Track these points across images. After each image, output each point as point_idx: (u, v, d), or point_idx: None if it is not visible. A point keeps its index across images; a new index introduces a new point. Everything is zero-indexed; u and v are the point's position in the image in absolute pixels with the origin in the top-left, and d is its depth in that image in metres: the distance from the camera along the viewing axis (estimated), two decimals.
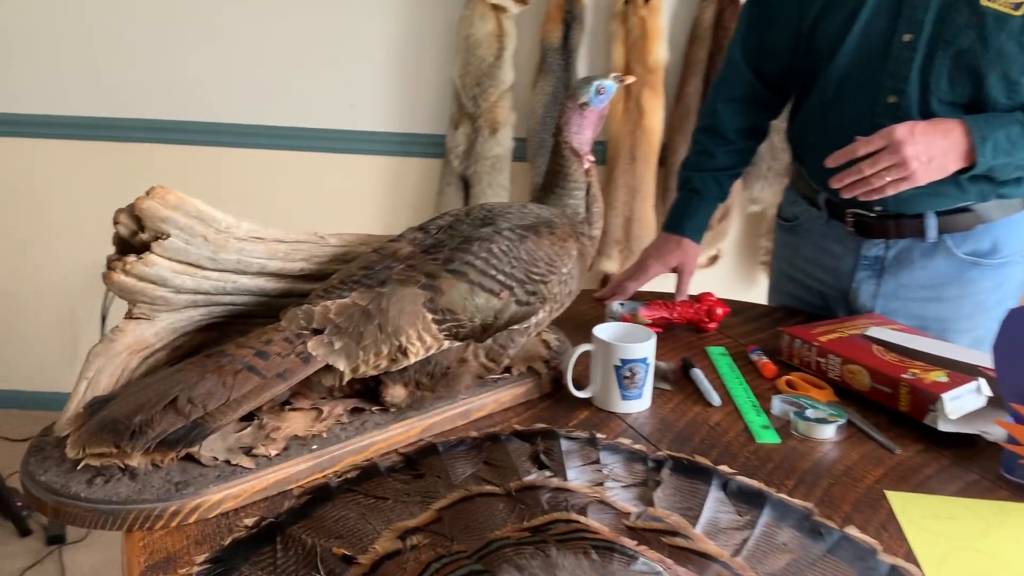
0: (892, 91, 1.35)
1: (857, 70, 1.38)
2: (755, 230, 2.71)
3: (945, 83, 1.32)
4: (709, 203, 1.58)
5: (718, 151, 1.56)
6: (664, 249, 1.56)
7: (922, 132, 1.23)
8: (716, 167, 1.57)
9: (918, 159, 1.23)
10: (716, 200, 1.59)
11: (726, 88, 1.57)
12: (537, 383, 1.21)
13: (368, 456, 1.04)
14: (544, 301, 1.14)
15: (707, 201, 1.58)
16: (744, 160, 1.60)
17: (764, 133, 1.62)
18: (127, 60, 2.61)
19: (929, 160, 1.24)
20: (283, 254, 1.12)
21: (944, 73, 1.31)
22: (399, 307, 1.04)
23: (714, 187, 1.57)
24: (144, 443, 0.91)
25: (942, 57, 1.31)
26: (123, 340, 1.04)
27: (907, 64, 1.33)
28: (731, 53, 1.56)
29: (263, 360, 0.99)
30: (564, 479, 0.98)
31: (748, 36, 1.54)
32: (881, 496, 1.02)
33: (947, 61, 1.31)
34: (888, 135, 1.23)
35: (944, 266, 1.43)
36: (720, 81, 1.59)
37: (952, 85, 1.31)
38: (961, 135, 1.25)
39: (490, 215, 1.17)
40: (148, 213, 1.00)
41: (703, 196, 1.57)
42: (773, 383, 1.30)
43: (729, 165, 1.58)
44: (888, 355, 1.25)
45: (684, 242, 1.56)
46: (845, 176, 1.27)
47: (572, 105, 1.20)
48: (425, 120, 2.63)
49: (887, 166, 1.23)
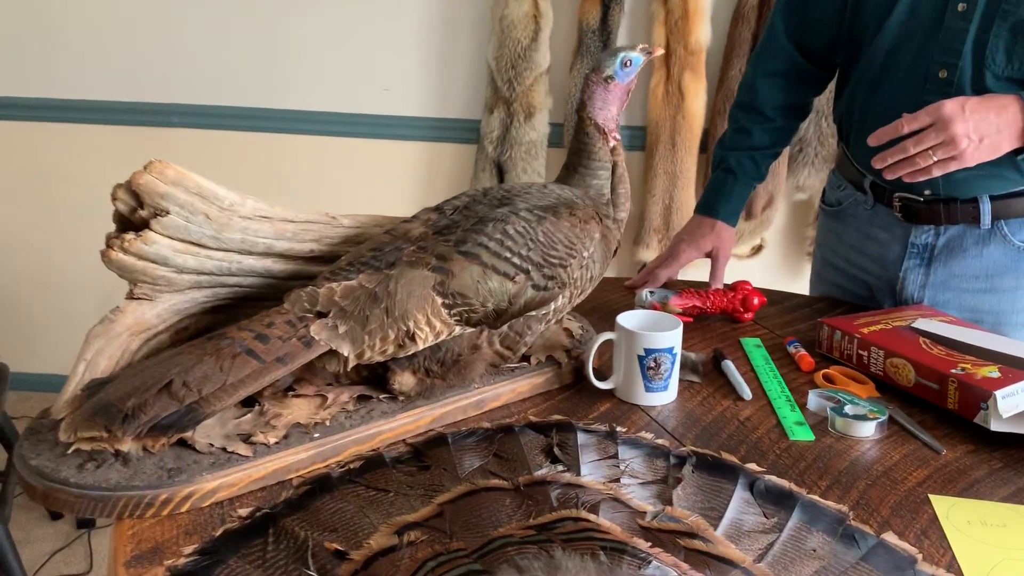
0: (943, 65, 1.25)
1: (906, 43, 1.29)
2: (801, 219, 2.61)
3: (1002, 56, 1.22)
4: (745, 184, 1.50)
5: (756, 129, 1.48)
6: (697, 233, 1.48)
7: (973, 109, 1.14)
8: (753, 146, 1.49)
9: (968, 137, 1.13)
10: (753, 181, 1.51)
11: (765, 62, 1.48)
12: (557, 373, 1.15)
13: (374, 446, 0.99)
14: (563, 286, 1.07)
15: (743, 182, 1.50)
16: (783, 139, 1.52)
17: (806, 111, 1.53)
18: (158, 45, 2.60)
19: (981, 139, 1.14)
20: (291, 234, 1.08)
21: (1001, 46, 1.22)
22: (407, 290, 0.99)
23: (751, 167, 1.49)
24: (135, 427, 0.88)
25: (999, 28, 1.21)
26: (123, 321, 1.01)
27: (960, 36, 1.24)
28: (772, 25, 1.48)
29: (263, 343, 0.94)
30: (577, 474, 0.92)
31: (790, 7, 1.45)
32: (924, 500, 0.94)
33: (1004, 32, 1.21)
34: (936, 111, 1.13)
35: (999, 255, 1.33)
36: (759, 55, 1.50)
37: (1009, 59, 1.22)
38: (1017, 112, 1.15)
39: (508, 195, 1.11)
40: (146, 188, 0.96)
41: (739, 177, 1.49)
42: (810, 377, 1.22)
43: (767, 144, 1.50)
44: (936, 349, 1.16)
45: (718, 225, 1.48)
46: (888, 155, 1.18)
47: (596, 79, 1.14)
48: (459, 105, 2.58)
49: (934, 145, 1.14)
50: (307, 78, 2.60)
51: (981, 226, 1.32)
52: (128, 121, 2.65)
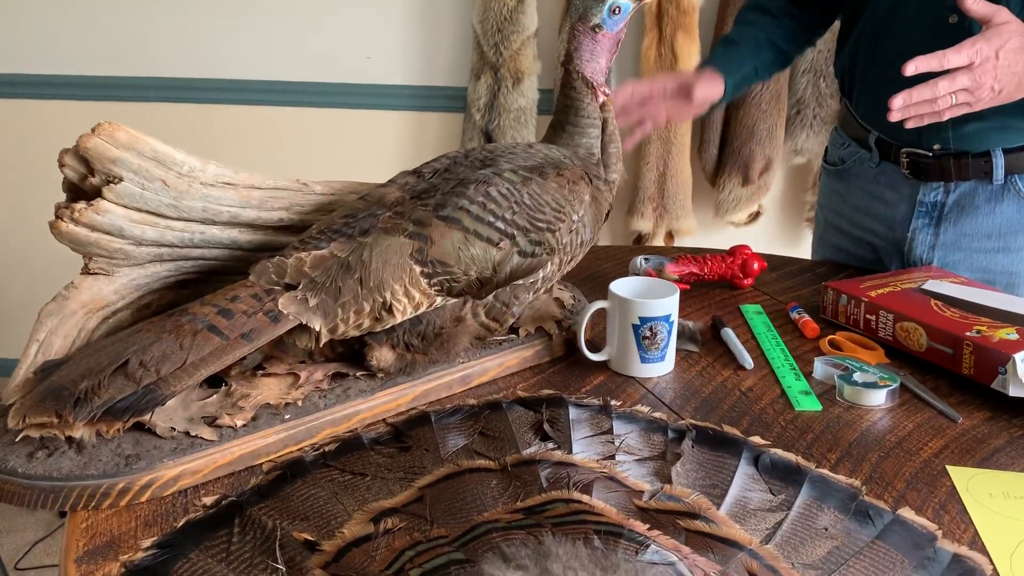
0: (954, 10, 1.17)
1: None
2: (800, 184, 2.54)
3: (1017, 2, 1.14)
4: (746, 51, 1.36)
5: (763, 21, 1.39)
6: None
7: (1006, 56, 1.04)
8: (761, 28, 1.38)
9: (991, 88, 1.05)
10: (754, 52, 1.37)
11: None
12: (547, 345, 1.09)
13: (351, 427, 0.92)
14: (552, 252, 1.00)
15: (744, 49, 1.36)
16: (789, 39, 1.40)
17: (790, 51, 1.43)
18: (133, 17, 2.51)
19: (1000, 90, 1.06)
20: (258, 202, 1.01)
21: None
22: (383, 259, 0.92)
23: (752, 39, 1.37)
24: (88, 412, 0.81)
25: None
26: (78, 298, 0.94)
27: None
28: None
29: (226, 319, 0.87)
30: (569, 452, 0.85)
31: None
32: (941, 472, 0.88)
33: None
34: (979, 53, 1.03)
35: (1012, 212, 1.26)
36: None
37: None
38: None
39: (491, 156, 1.04)
40: (95, 153, 0.88)
41: (740, 44, 1.37)
42: (815, 344, 1.15)
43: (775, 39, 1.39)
44: (948, 311, 1.10)
45: (706, 70, 1.34)
46: (914, 92, 1.04)
47: (583, 28, 1.06)
48: (444, 72, 2.50)
49: (960, 89, 1.05)
50: (286, 47, 2.51)
51: (993, 182, 1.25)
52: (102, 96, 2.56)
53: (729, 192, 2.44)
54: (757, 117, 2.37)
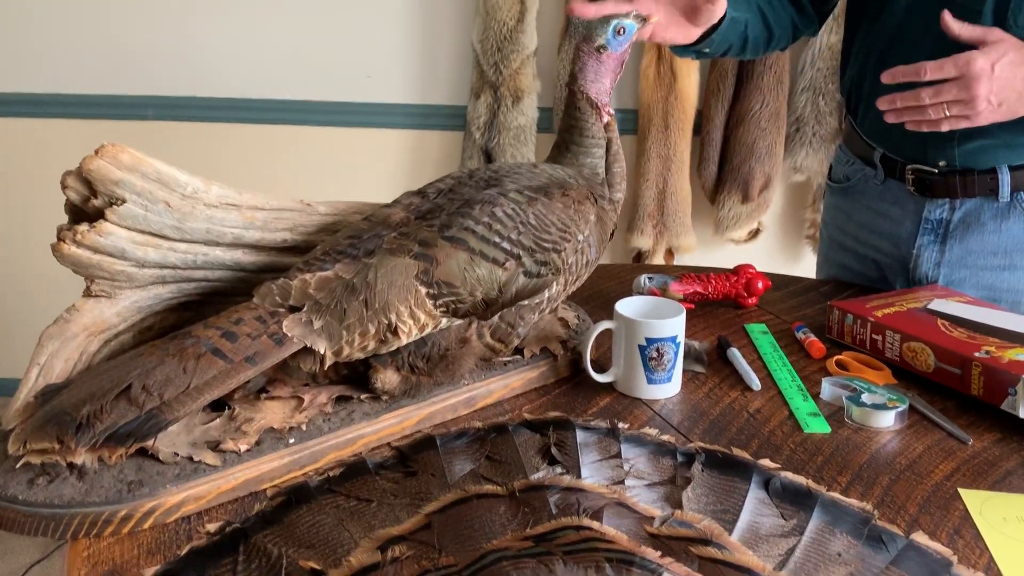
0: None
1: (922, 3, 1.20)
2: (800, 201, 2.54)
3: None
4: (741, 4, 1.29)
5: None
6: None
7: (1004, 69, 1.05)
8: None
9: (988, 100, 1.05)
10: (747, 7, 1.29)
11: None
12: (552, 366, 1.08)
13: (355, 451, 0.91)
14: (557, 272, 1.00)
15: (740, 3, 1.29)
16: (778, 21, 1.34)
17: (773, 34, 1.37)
18: (132, 36, 2.51)
19: (1000, 103, 1.07)
20: (262, 223, 1.00)
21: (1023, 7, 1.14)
22: (388, 280, 0.91)
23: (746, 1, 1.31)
24: (90, 437, 0.80)
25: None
26: (80, 321, 0.93)
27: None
28: None
29: (231, 342, 0.86)
30: (578, 476, 0.84)
31: None
32: (953, 495, 0.87)
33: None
34: (964, 66, 1.05)
35: (1019, 229, 1.25)
36: None
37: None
38: None
39: (496, 176, 1.03)
40: (98, 175, 0.88)
41: None
42: (822, 364, 1.14)
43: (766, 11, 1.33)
44: (956, 331, 1.09)
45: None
46: (899, 98, 1.09)
47: (588, 49, 1.06)
48: (445, 90, 2.49)
49: (951, 100, 1.06)
50: (286, 66, 2.51)
51: (999, 199, 1.24)
52: (100, 115, 2.55)
53: (729, 209, 2.44)
54: (756, 135, 2.37)
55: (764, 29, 1.34)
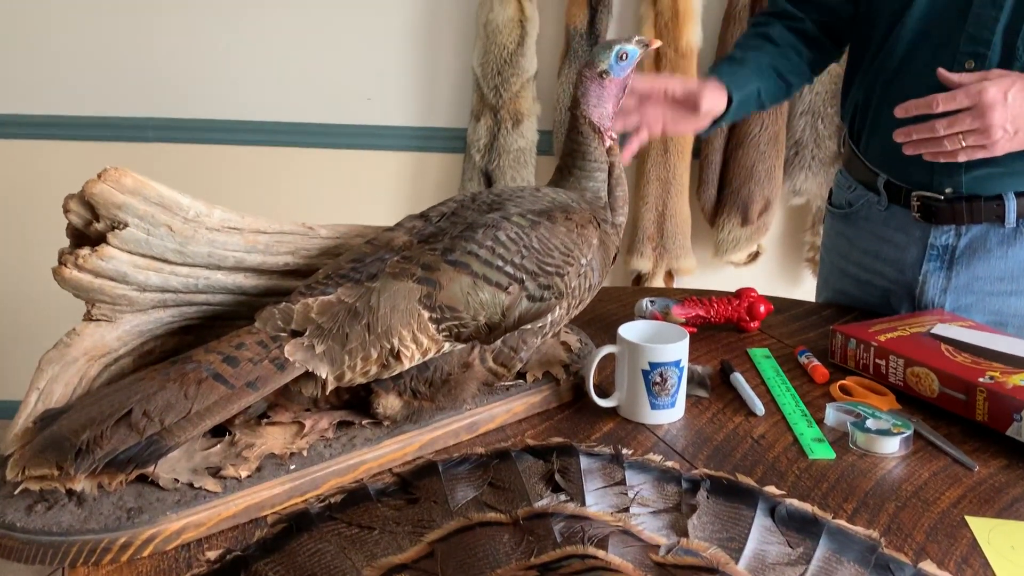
0: (970, 55, 1.18)
1: (930, 32, 1.21)
2: (799, 224, 2.54)
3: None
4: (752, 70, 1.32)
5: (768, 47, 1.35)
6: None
7: (1017, 97, 1.05)
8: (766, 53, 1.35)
9: (1004, 128, 1.05)
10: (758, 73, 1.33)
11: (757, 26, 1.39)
12: (555, 391, 1.07)
13: (357, 478, 0.90)
14: (560, 296, 0.99)
15: (750, 68, 1.32)
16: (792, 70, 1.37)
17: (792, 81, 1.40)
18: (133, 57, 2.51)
19: (1016, 131, 1.06)
20: (264, 247, 1.00)
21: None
22: (391, 304, 0.90)
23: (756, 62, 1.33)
24: (90, 463, 0.79)
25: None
26: (80, 345, 0.92)
27: (990, 24, 1.16)
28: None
29: (232, 367, 0.85)
30: (582, 504, 0.83)
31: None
32: (960, 522, 0.86)
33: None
34: (977, 96, 1.05)
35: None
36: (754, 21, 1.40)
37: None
38: None
39: (498, 199, 1.03)
40: (101, 199, 0.87)
41: (745, 63, 1.33)
42: (825, 389, 1.14)
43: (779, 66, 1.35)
44: (960, 356, 1.09)
45: (710, 80, 1.28)
46: (915, 131, 1.09)
47: (590, 74, 1.06)
48: (445, 113, 2.50)
49: (966, 131, 1.07)
50: (287, 88, 2.51)
51: (1006, 225, 1.24)
52: (100, 136, 2.55)
53: (728, 232, 2.44)
54: (755, 158, 2.38)
55: (781, 84, 1.37)
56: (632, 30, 2.39)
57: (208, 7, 2.47)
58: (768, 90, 1.35)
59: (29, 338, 2.67)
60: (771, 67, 1.35)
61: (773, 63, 1.35)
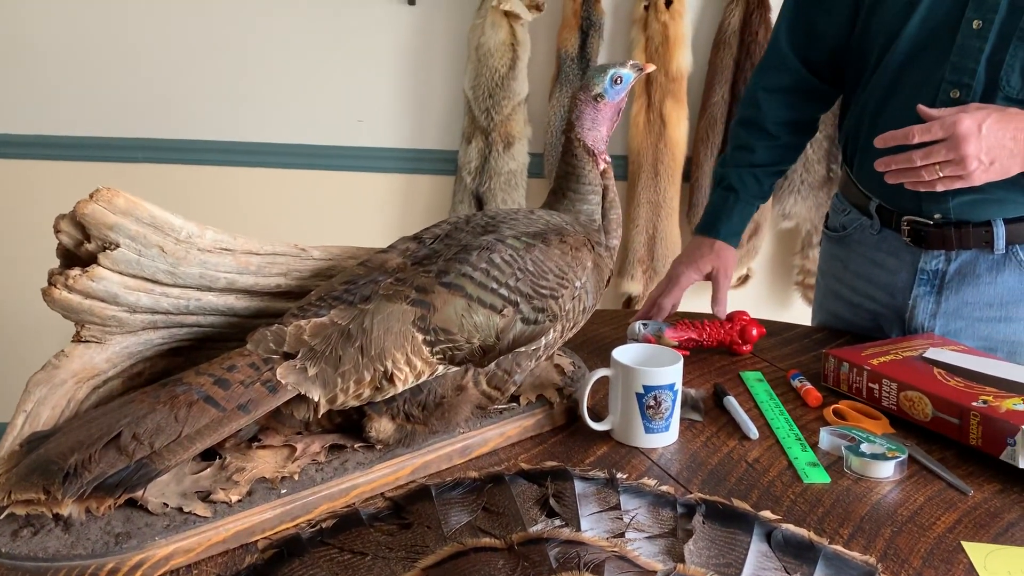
0: (955, 85, 1.19)
1: (917, 60, 1.22)
2: (788, 247, 2.55)
3: (1017, 79, 1.16)
4: (747, 203, 1.42)
5: (759, 146, 1.41)
6: (696, 255, 1.40)
7: (991, 128, 1.06)
8: (756, 163, 1.41)
9: (979, 159, 1.07)
10: (756, 200, 1.43)
11: (768, 76, 1.41)
12: (548, 414, 1.06)
13: (349, 502, 0.89)
14: (554, 319, 0.99)
15: (745, 200, 1.42)
16: (789, 156, 1.45)
17: (812, 127, 1.47)
18: (122, 78, 2.51)
19: (992, 162, 1.08)
20: (256, 268, 0.99)
21: (1017, 67, 1.15)
22: (384, 326, 0.90)
23: (753, 185, 1.42)
24: (78, 487, 0.77)
25: (1016, 48, 1.15)
26: (68, 367, 0.91)
27: (974, 55, 1.17)
28: (775, 39, 1.41)
29: (223, 389, 0.84)
30: (577, 529, 0.82)
31: (796, 19, 1.38)
32: (956, 548, 0.86)
33: (1021, 53, 1.15)
34: (951, 127, 1.06)
35: (1014, 281, 1.26)
36: (761, 68, 1.44)
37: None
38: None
39: (492, 222, 1.03)
40: (92, 219, 0.87)
41: (740, 195, 1.41)
42: (819, 413, 1.14)
43: (771, 161, 1.42)
44: (953, 380, 1.09)
45: (718, 245, 1.40)
46: (893, 161, 1.11)
47: (585, 97, 1.06)
48: (436, 135, 2.50)
49: (942, 161, 1.08)
50: (278, 110, 2.51)
51: (995, 251, 1.25)
52: (88, 157, 2.54)
53: None
54: None
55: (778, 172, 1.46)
56: (623, 55, 2.41)
57: (198, 29, 2.47)
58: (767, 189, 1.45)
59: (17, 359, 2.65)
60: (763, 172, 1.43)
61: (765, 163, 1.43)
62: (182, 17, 2.47)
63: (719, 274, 1.40)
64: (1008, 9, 1.15)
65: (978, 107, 1.09)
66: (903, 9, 1.22)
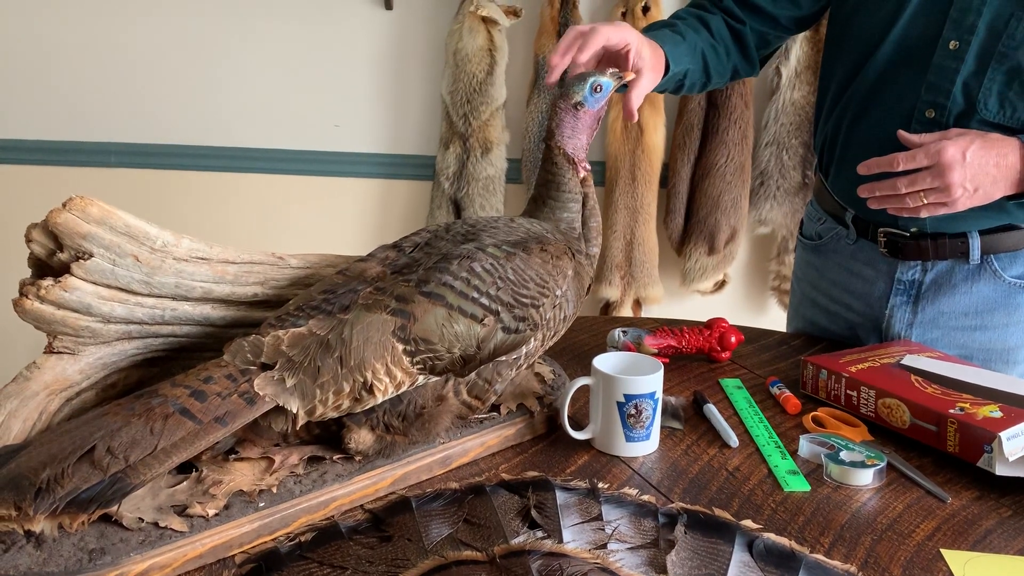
0: (931, 105, 1.19)
1: (894, 76, 1.22)
2: (764, 253, 2.56)
3: (994, 102, 1.16)
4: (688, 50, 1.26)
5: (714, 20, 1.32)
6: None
7: (975, 156, 1.07)
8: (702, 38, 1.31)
9: (964, 187, 1.07)
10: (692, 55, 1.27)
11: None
12: (529, 423, 1.06)
13: (327, 514, 0.88)
14: (535, 328, 0.98)
15: (687, 47, 1.26)
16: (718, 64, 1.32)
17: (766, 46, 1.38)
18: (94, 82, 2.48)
19: (976, 189, 1.08)
20: (232, 277, 0.97)
21: (994, 90, 1.15)
22: (364, 336, 0.89)
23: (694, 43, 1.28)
24: (50, 503, 0.76)
25: (994, 72, 1.15)
26: (40, 378, 0.89)
27: (950, 75, 1.17)
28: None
29: (200, 401, 0.83)
30: (559, 541, 0.82)
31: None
32: (936, 555, 0.86)
33: (999, 76, 1.15)
34: (935, 156, 1.07)
35: (989, 291, 1.27)
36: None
37: (1002, 105, 1.16)
38: (1017, 161, 1.09)
39: (473, 230, 1.02)
40: (65, 228, 0.85)
41: (683, 39, 1.26)
42: (798, 420, 1.14)
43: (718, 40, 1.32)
44: (930, 387, 1.10)
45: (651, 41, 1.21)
46: (877, 187, 1.11)
47: (565, 105, 1.06)
48: (413, 140, 2.50)
49: (927, 188, 1.08)
50: (255, 114, 2.49)
51: (970, 261, 1.26)
52: (62, 161, 2.51)
53: (695, 261, 2.46)
54: (722, 188, 2.40)
55: (703, 77, 1.32)
56: None
57: (174, 32, 2.45)
58: (692, 77, 1.30)
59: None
60: (702, 55, 1.30)
61: (705, 52, 1.30)
62: (158, 20, 2.44)
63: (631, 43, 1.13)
64: (987, 32, 1.15)
65: (959, 133, 1.10)
66: (886, 17, 1.21)
